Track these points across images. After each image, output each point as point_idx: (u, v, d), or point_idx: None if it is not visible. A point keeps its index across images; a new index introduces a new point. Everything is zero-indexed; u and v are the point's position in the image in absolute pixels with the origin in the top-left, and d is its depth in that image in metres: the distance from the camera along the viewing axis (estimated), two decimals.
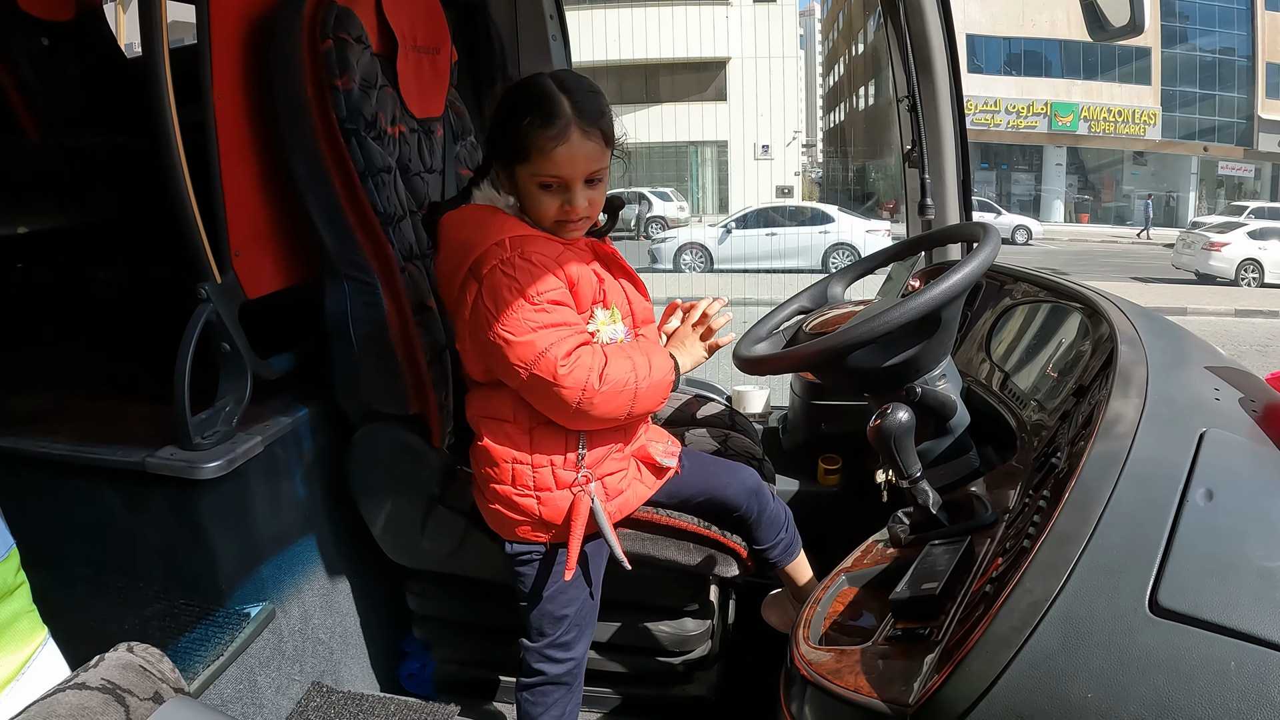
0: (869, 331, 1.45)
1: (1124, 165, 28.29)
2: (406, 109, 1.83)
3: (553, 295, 1.45)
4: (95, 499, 1.68)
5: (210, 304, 1.57)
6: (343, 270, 1.67)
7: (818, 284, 2.00)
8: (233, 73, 1.60)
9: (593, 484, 1.56)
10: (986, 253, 1.53)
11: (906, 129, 2.45)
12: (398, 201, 1.72)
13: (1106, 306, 1.61)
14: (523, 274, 1.43)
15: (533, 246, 1.46)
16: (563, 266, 1.47)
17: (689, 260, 15.95)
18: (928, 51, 2.35)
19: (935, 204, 2.41)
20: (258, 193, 1.68)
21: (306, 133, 1.61)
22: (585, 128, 1.44)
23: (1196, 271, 16.39)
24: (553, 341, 1.43)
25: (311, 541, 1.87)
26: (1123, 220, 27.43)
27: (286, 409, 1.81)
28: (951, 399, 1.61)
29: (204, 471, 1.56)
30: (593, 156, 1.46)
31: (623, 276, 1.60)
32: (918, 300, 1.45)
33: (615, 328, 1.55)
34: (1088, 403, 1.32)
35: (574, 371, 1.43)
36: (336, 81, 1.59)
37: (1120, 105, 26.36)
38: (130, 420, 1.76)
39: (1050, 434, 1.43)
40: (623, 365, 1.48)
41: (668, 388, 1.55)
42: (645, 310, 1.63)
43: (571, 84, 1.47)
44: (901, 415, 1.38)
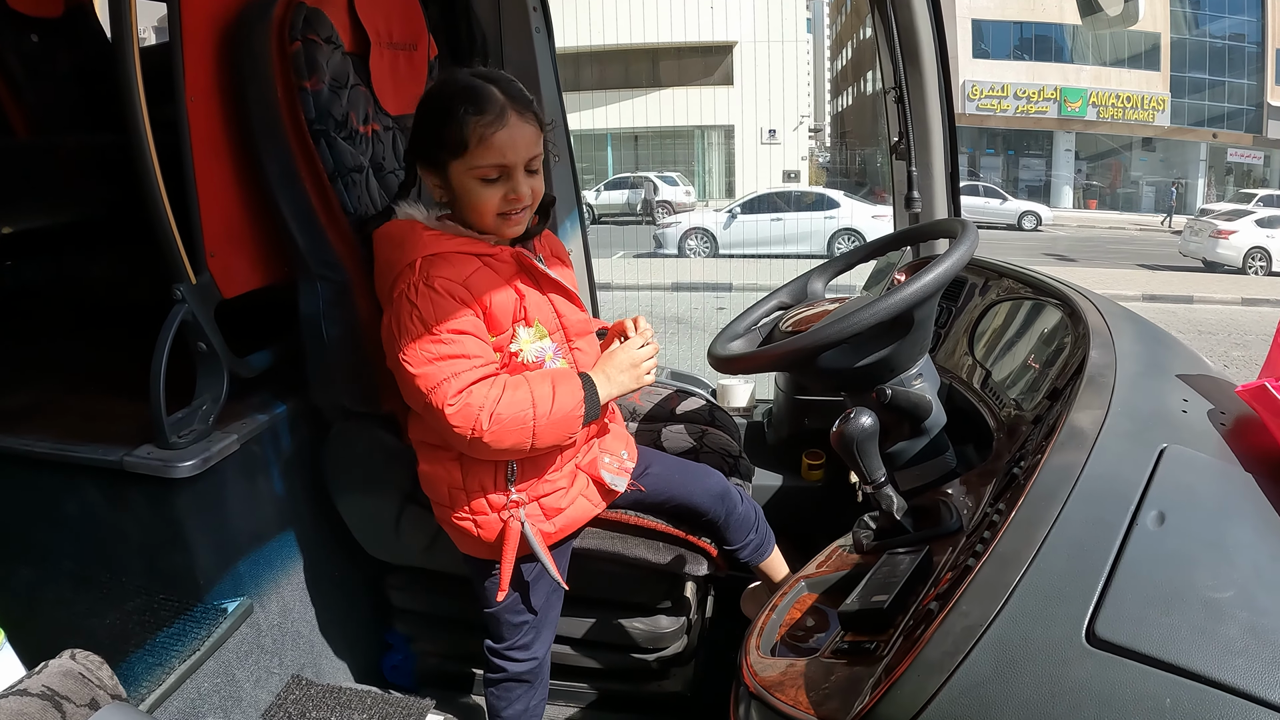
0: (838, 333, 1.43)
1: (1132, 151, 28.03)
2: (380, 107, 1.81)
3: (455, 325, 1.40)
4: (78, 495, 1.69)
5: (185, 304, 1.57)
6: (315, 270, 1.65)
7: (798, 280, 1.97)
8: (205, 74, 1.58)
9: (524, 508, 1.54)
10: (961, 252, 1.49)
11: (894, 120, 2.42)
12: (369, 201, 1.70)
13: (1084, 306, 1.57)
14: (425, 302, 1.39)
15: (441, 269, 1.41)
16: (473, 290, 1.42)
17: (694, 245, 15.86)
18: (915, 42, 2.32)
19: (922, 197, 2.38)
20: (232, 193, 1.66)
21: (277, 134, 1.59)
22: (520, 111, 1.42)
23: (1204, 259, 16.20)
24: (446, 376, 1.39)
25: (291, 536, 1.87)
26: (1131, 206, 27.21)
27: (264, 406, 1.81)
28: (926, 399, 1.59)
29: (179, 470, 1.57)
30: (531, 140, 1.43)
31: (551, 289, 1.54)
32: (888, 301, 1.43)
33: (541, 345, 1.51)
34: (1055, 409, 1.29)
35: (461, 410, 1.39)
36: (305, 83, 1.57)
37: (1129, 91, 26.09)
38: (113, 417, 1.77)
39: (1022, 439, 1.40)
40: (519, 400, 1.41)
41: (575, 421, 1.47)
42: (579, 323, 1.58)
43: (494, 75, 1.45)
44: (864, 420, 1.35)
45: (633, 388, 1.55)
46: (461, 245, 1.45)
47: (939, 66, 2.34)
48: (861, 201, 16.63)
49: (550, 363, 1.52)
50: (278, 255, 1.73)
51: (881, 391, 1.55)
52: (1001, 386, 1.72)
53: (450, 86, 1.43)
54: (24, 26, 2.53)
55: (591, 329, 1.62)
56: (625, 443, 1.71)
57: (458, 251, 1.44)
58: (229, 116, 1.63)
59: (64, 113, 2.53)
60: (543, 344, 1.51)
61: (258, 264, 1.74)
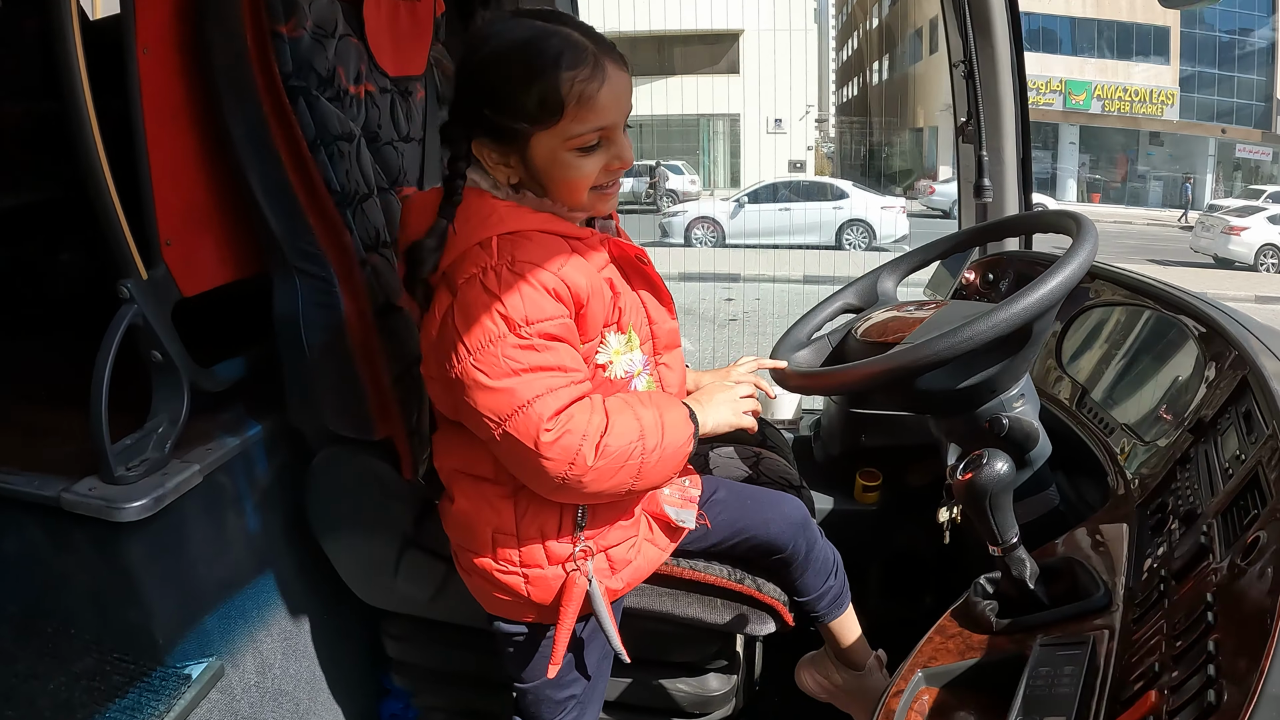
0: (949, 349, 1.19)
1: (1139, 145, 27.75)
2: (376, 65, 1.47)
3: (548, 327, 1.08)
4: (17, 530, 1.38)
5: (135, 304, 1.25)
6: (293, 262, 1.33)
7: (865, 278, 1.70)
8: (161, 20, 1.26)
9: (591, 560, 1.21)
10: (1087, 252, 1.25)
11: (961, 99, 2.12)
12: (360, 176, 1.37)
13: (1213, 315, 1.32)
14: (510, 291, 1.06)
15: (529, 251, 1.08)
16: (568, 281, 1.09)
17: (700, 235, 15.56)
18: (987, 11, 2.02)
19: (993, 184, 2.08)
20: (193, 167, 1.34)
21: (245, 90, 1.26)
22: (615, 58, 1.10)
23: (1215, 255, 15.92)
24: (539, 393, 1.06)
25: (269, 581, 1.56)
26: (1137, 201, 26.93)
27: (235, 426, 1.49)
28: (1035, 427, 1.35)
29: (126, 513, 1.26)
30: (630, 90, 1.13)
31: (643, 286, 1.23)
32: (1009, 310, 1.19)
33: (631, 357, 1.20)
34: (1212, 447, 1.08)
35: (562, 438, 1.07)
36: (280, 27, 1.23)
37: (1137, 85, 25.79)
38: (60, 434, 1.46)
39: (1160, 480, 1.17)
40: (628, 430, 1.11)
41: (682, 459, 1.18)
42: (669, 332, 1.27)
43: (562, 16, 1.13)
44: (1000, 466, 1.06)
45: (731, 424, 1.27)
46: (546, 223, 1.12)
47: (1012, 39, 2.05)
48: (871, 192, 16.34)
49: (637, 381, 1.22)
50: (250, 243, 1.42)
51: (997, 421, 1.33)
52: (1103, 408, 1.48)
53: (520, 37, 1.08)
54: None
55: (679, 341, 1.31)
56: (685, 473, 1.37)
57: (542, 230, 1.11)
58: (189, 71, 1.30)
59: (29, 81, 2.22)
60: (633, 356, 1.20)
61: (225, 254, 1.42)
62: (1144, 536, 1.09)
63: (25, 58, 2.26)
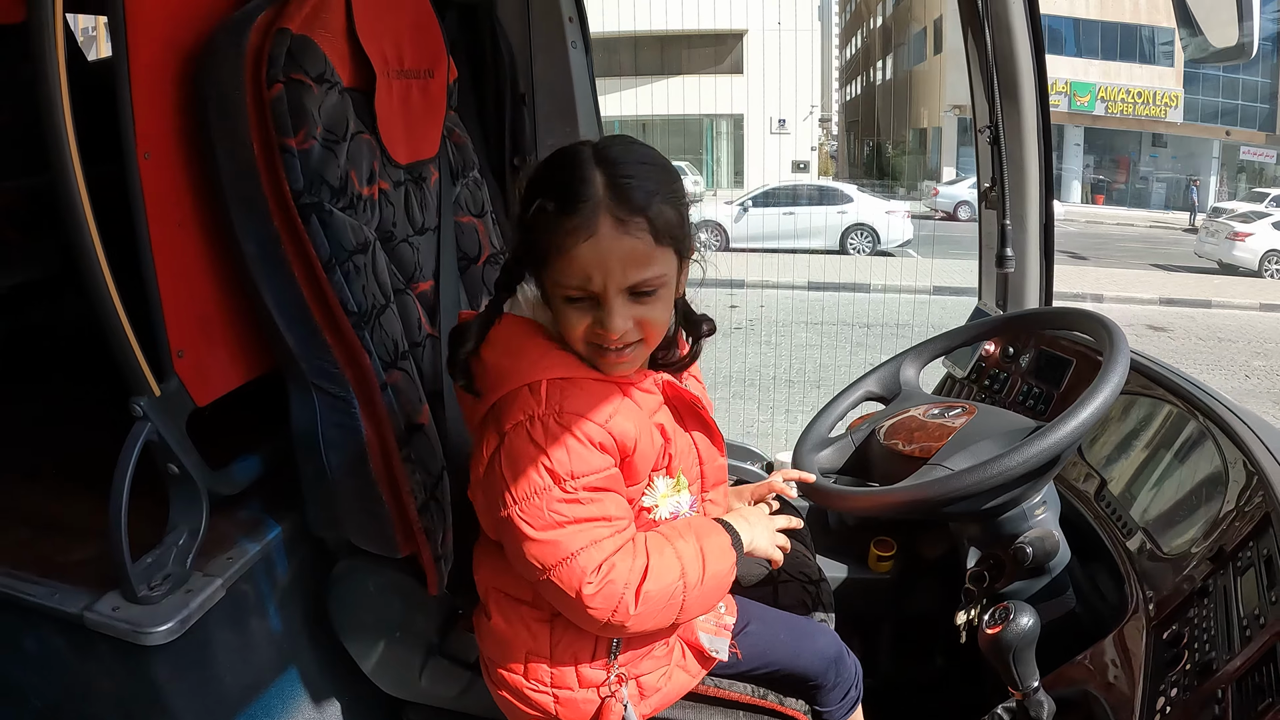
0: (979, 483, 1.21)
1: (1143, 147, 27.68)
2: (389, 158, 1.42)
3: (594, 480, 1.07)
4: (39, 637, 1.34)
5: (149, 422, 1.20)
6: (310, 379, 1.29)
7: (887, 365, 1.67)
8: (162, 120, 1.20)
9: (625, 686, 1.20)
10: (1118, 377, 1.25)
11: (985, 164, 2.07)
12: (377, 287, 1.32)
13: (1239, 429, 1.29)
14: (556, 444, 1.05)
15: (577, 400, 1.07)
16: (615, 432, 1.08)
17: (705, 239, 15.42)
18: (1014, 74, 1.97)
19: (1015, 253, 2.03)
20: (204, 275, 1.29)
21: (256, 206, 1.20)
22: (621, 216, 1.01)
23: (1219, 261, 15.86)
24: (582, 546, 1.06)
25: (293, 677, 1.52)
26: (1141, 203, 26.87)
27: (254, 529, 1.43)
28: (1055, 540, 1.37)
29: (152, 637, 1.22)
30: (634, 258, 1.03)
31: (697, 428, 1.21)
32: (1041, 445, 1.20)
33: (679, 499, 1.19)
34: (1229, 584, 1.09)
35: (604, 589, 1.07)
36: (289, 140, 1.18)
37: (1140, 86, 25.70)
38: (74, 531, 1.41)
39: (1176, 605, 1.17)
40: (669, 570, 1.10)
41: (725, 587, 1.17)
42: (718, 470, 1.27)
43: (616, 153, 1.05)
44: (1025, 622, 1.11)
45: (770, 549, 1.27)
46: (592, 371, 1.11)
47: (1039, 104, 1.99)
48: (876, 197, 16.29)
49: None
50: (263, 343, 1.36)
51: (1021, 551, 1.34)
52: (1122, 505, 1.47)
53: (549, 162, 1.07)
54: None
55: (725, 476, 1.31)
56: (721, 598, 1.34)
57: (594, 378, 1.10)
58: (195, 178, 1.25)
59: (23, 132, 2.15)
60: (680, 498, 1.20)
61: (238, 357, 1.37)
62: (1159, 670, 1.10)
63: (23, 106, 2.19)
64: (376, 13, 1.40)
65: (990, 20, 1.92)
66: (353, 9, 1.33)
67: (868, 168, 25.88)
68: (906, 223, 15.51)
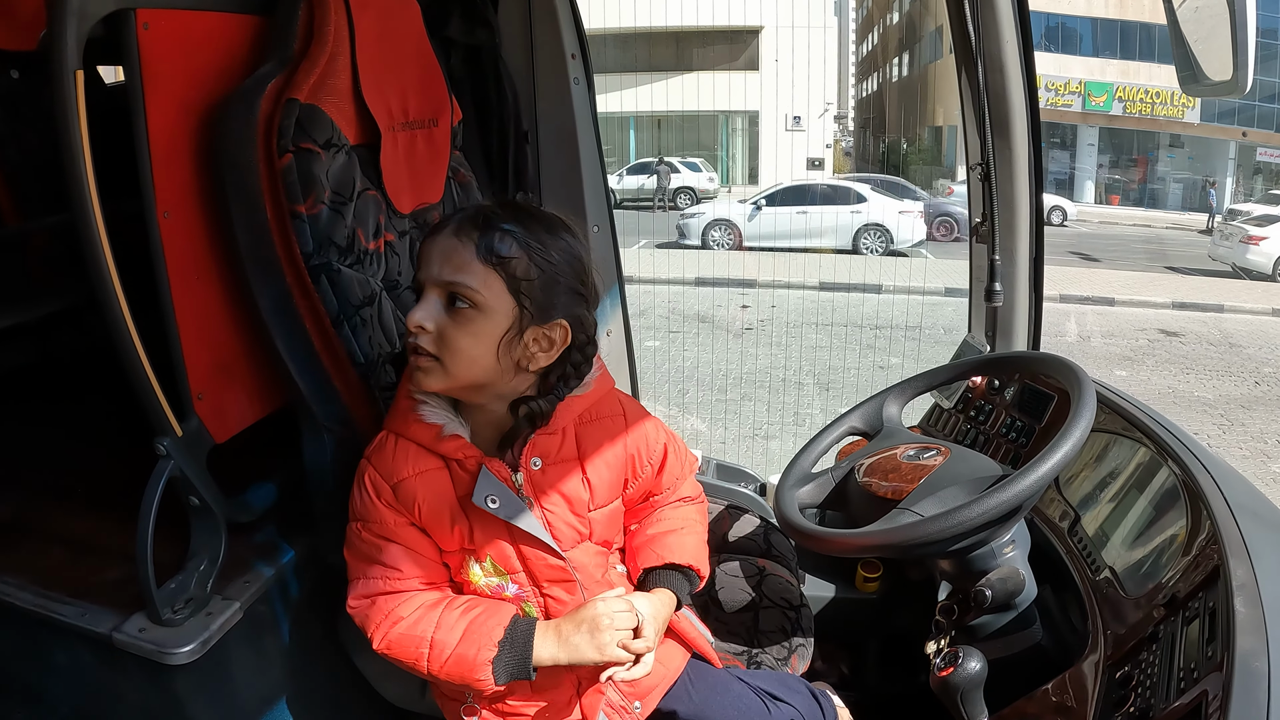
0: (940, 532, 1.27)
1: (1159, 148, 27.43)
2: (394, 210, 1.50)
3: (381, 529, 1.22)
4: (69, 650, 1.44)
5: (171, 460, 1.28)
6: (322, 421, 1.37)
7: (871, 402, 1.72)
8: (180, 183, 1.27)
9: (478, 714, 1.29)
10: (1081, 430, 1.29)
11: (977, 200, 2.11)
12: (383, 336, 1.40)
13: (1208, 492, 1.31)
14: (359, 489, 1.23)
15: (384, 459, 1.22)
16: (402, 499, 1.21)
17: (717, 237, 15.53)
18: (1007, 113, 2.01)
19: (1005, 288, 2.08)
20: (220, 322, 1.37)
21: (270, 265, 1.29)
22: (463, 227, 1.13)
23: (1234, 264, 15.70)
24: (357, 577, 1.24)
25: (306, 690, 1.60)
26: (1156, 203, 26.63)
27: (269, 554, 1.52)
28: (1019, 578, 1.41)
29: (176, 657, 1.31)
30: (454, 260, 1.12)
31: (519, 536, 1.23)
32: (1002, 495, 1.25)
33: (498, 581, 1.25)
34: (1176, 632, 1.12)
35: (358, 615, 1.24)
36: (299, 207, 1.26)
37: (1158, 86, 25.45)
38: (102, 552, 1.52)
39: (1129, 648, 1.20)
40: (419, 628, 1.20)
41: (473, 675, 1.18)
42: (553, 570, 1.25)
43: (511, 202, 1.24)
44: (973, 666, 1.23)
45: (592, 658, 1.19)
46: (426, 435, 1.20)
47: (1030, 142, 2.04)
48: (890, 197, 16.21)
49: (513, 597, 1.27)
50: (276, 381, 1.44)
51: (981, 594, 1.38)
52: (1095, 544, 1.50)
53: None
54: (2, 63, 2.21)
55: (571, 575, 1.26)
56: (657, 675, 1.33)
57: (418, 443, 1.21)
58: (213, 235, 1.33)
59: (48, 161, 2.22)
60: (500, 580, 1.25)
61: (254, 395, 1.45)
62: (1107, 710, 1.14)
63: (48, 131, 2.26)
64: (381, 70, 1.47)
65: (983, 58, 1.96)
66: (359, 70, 1.40)
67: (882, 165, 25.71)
68: (919, 223, 15.46)
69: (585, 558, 1.28)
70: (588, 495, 1.27)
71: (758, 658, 1.57)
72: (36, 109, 2.25)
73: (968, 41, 1.99)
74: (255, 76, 1.29)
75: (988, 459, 1.49)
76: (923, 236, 15.32)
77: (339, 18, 1.37)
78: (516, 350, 1.15)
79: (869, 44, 35.95)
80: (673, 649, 1.38)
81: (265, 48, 1.36)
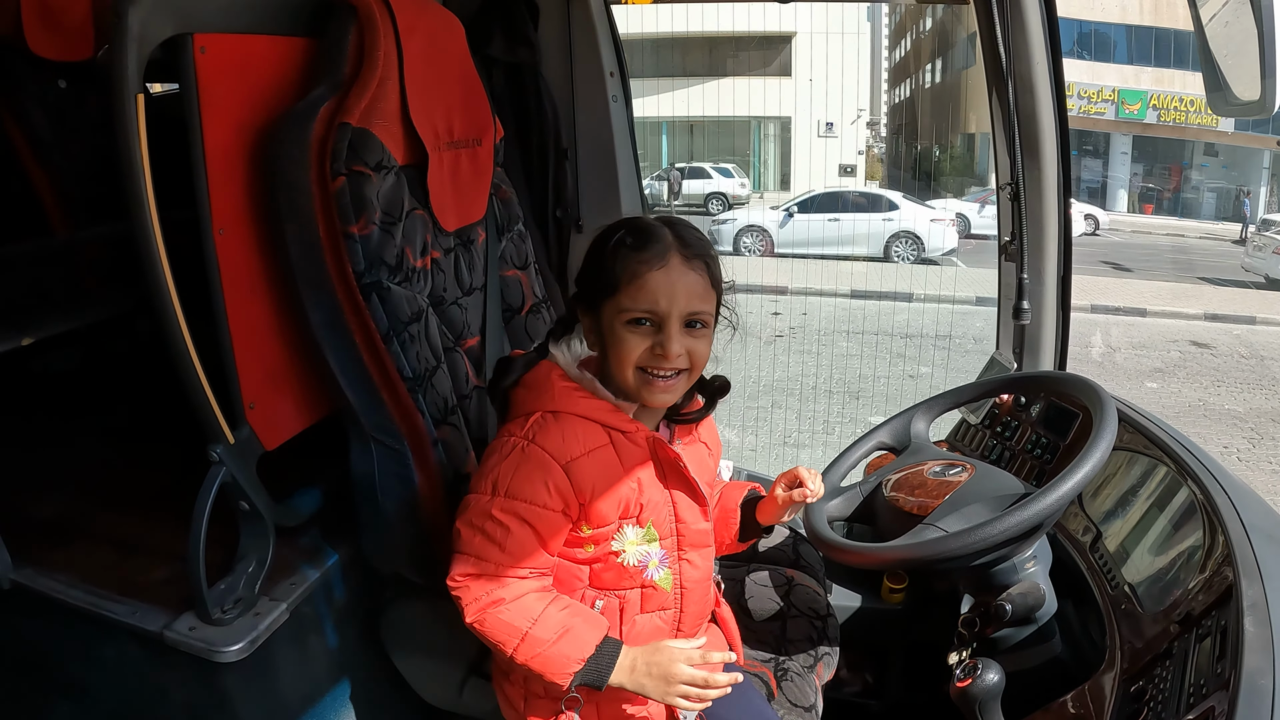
0: (962, 548, 1.30)
1: (1193, 156, 26.96)
2: (439, 228, 1.54)
3: (521, 508, 1.21)
4: (117, 645, 1.49)
5: (224, 467, 1.33)
6: (370, 432, 1.41)
7: (899, 418, 1.74)
8: (235, 202, 1.32)
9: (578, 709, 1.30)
10: (1103, 447, 1.32)
11: (1006, 219, 2.12)
12: (429, 352, 1.44)
13: (1228, 515, 1.32)
14: (510, 463, 1.21)
15: (551, 436, 1.21)
16: (574, 478, 1.21)
17: (749, 243, 15.49)
18: (1036, 133, 2.01)
19: (1032, 306, 2.09)
20: (272, 334, 1.42)
21: (322, 283, 1.33)
22: (687, 256, 1.21)
23: (1266, 275, 15.37)
24: (470, 553, 1.23)
25: (346, 688, 1.65)
26: (1190, 213, 26.19)
27: (314, 557, 1.57)
28: (1040, 592, 1.44)
29: (225, 655, 1.36)
30: (695, 291, 1.21)
31: (678, 486, 1.30)
32: (1023, 514, 1.28)
33: (647, 550, 1.29)
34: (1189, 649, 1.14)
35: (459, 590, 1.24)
36: (352, 228, 1.30)
37: (1193, 95, 25.00)
38: (149, 551, 1.57)
39: (1145, 663, 1.22)
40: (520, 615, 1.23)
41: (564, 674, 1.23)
42: (699, 534, 1.34)
43: (673, 219, 1.26)
44: (991, 677, 1.25)
45: (656, 699, 1.25)
46: (594, 410, 1.24)
47: (1059, 161, 2.04)
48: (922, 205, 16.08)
49: (653, 571, 1.30)
50: (325, 391, 1.49)
51: (1001, 608, 1.41)
52: (1115, 561, 1.51)
53: (621, 223, 1.25)
54: (50, 73, 2.28)
55: (710, 541, 1.37)
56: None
57: (586, 417, 1.24)
58: (266, 252, 1.38)
59: (95, 168, 2.29)
60: (649, 549, 1.29)
61: (303, 405, 1.50)
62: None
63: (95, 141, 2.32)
64: (428, 92, 1.51)
65: (1014, 79, 1.97)
66: (406, 93, 1.44)
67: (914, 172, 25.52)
68: (951, 231, 15.31)
69: (712, 527, 1.38)
70: (708, 476, 1.40)
71: (784, 665, 1.59)
72: (83, 118, 2.32)
73: (998, 61, 2.00)
74: (308, 100, 1.34)
75: (1011, 476, 1.50)
76: (954, 245, 15.18)
77: (388, 42, 1.41)
78: None
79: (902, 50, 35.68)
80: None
81: (317, 70, 1.40)
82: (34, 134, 2.24)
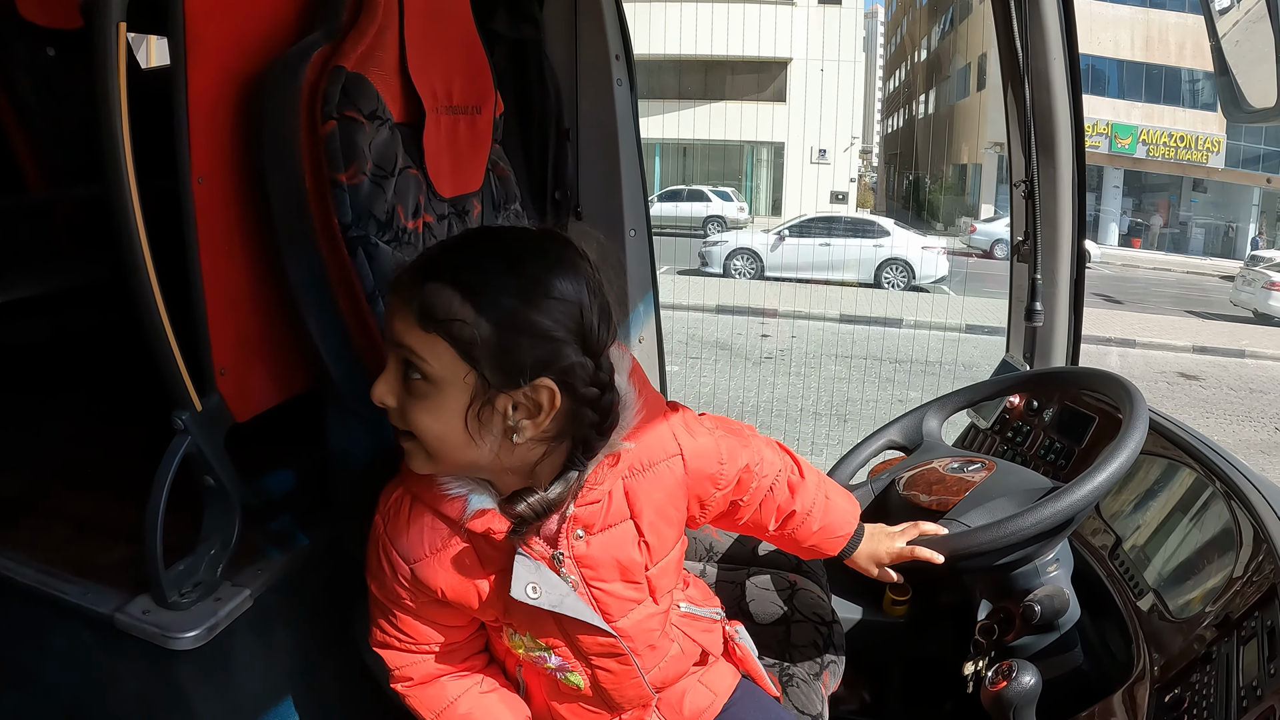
0: (991, 542, 1.24)
1: (1182, 191, 27.29)
2: (434, 191, 1.45)
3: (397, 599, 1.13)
4: (69, 631, 1.38)
5: (189, 436, 1.22)
6: (350, 405, 1.31)
7: (911, 415, 1.67)
8: (216, 148, 1.22)
9: None
10: (1137, 439, 1.26)
11: (1020, 218, 2.06)
12: None
13: (1254, 497, 1.28)
14: (374, 553, 1.13)
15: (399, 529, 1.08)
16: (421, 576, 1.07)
17: (740, 266, 15.54)
18: (1052, 131, 1.96)
19: (1045, 308, 2.02)
20: (248, 295, 1.31)
21: (305, 235, 1.23)
22: (397, 291, 0.95)
23: (1255, 310, 15.53)
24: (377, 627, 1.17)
25: (313, 685, 1.53)
26: (1179, 248, 26.48)
27: (283, 542, 1.45)
28: (1064, 598, 1.37)
29: (180, 642, 1.24)
30: (398, 332, 0.94)
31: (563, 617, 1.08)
32: (1055, 506, 1.22)
33: (539, 654, 1.12)
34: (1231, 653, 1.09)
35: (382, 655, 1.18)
36: (340, 176, 1.21)
37: (1183, 130, 25.36)
38: (109, 532, 1.46)
39: (1180, 670, 1.17)
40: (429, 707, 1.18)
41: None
42: (603, 644, 1.11)
43: (449, 243, 1.01)
44: (1026, 680, 1.19)
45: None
46: (448, 508, 1.03)
47: (1075, 161, 1.99)
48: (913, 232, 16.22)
49: (556, 671, 1.14)
50: (303, 363, 1.38)
51: (1030, 609, 1.35)
52: (1136, 566, 1.46)
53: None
54: (39, 39, 2.20)
55: (622, 650, 1.12)
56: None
57: (434, 510, 1.05)
58: (247, 203, 1.27)
59: (79, 137, 2.20)
60: (540, 654, 1.12)
61: (278, 376, 1.39)
62: None
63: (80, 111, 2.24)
64: (428, 50, 1.43)
65: (1030, 76, 1.92)
66: (406, 46, 1.36)
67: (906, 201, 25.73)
68: (942, 259, 15.43)
69: (641, 623, 1.12)
70: (644, 558, 1.09)
71: (789, 670, 1.51)
72: (70, 86, 2.25)
73: (1015, 59, 1.95)
74: (301, 44, 1.25)
75: (1034, 473, 1.44)
76: (945, 272, 15.26)
77: None
78: (494, 423, 0.95)
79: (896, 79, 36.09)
80: (724, 670, 1.31)
81: (313, 17, 1.32)
82: (18, 99, 2.15)
